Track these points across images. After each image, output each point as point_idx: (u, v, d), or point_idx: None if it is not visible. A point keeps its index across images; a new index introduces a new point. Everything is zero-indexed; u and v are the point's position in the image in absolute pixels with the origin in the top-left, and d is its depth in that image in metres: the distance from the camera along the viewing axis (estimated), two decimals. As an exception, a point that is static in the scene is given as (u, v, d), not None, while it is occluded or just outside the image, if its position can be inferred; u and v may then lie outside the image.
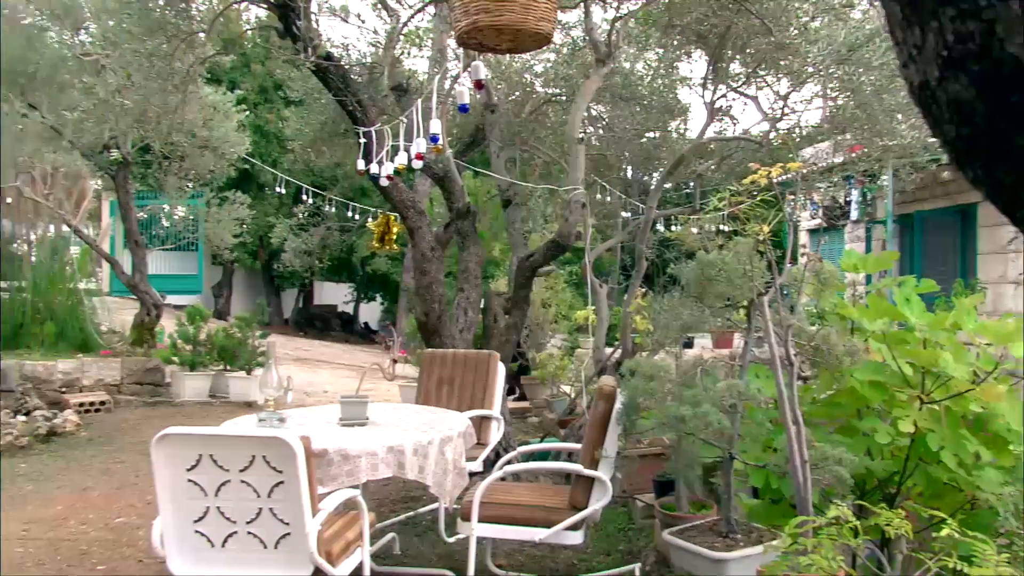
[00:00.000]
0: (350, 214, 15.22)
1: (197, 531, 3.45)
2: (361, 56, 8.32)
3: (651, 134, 9.05)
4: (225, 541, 3.44)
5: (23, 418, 9.46)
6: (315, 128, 8.68)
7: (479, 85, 4.30)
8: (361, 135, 6.12)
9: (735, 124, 9.48)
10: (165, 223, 20.07)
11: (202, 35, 7.42)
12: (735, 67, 8.17)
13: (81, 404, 10.70)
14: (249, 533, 3.42)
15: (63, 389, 11.21)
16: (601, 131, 9.50)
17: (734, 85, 8.19)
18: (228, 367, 12.26)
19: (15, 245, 15.32)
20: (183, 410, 10.98)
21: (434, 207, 15.19)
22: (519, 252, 7.61)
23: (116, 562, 5.13)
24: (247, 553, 3.45)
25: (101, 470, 7.74)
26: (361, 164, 5.87)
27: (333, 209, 15.04)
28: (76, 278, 13.92)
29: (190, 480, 3.40)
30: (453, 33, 3.77)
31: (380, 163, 5.57)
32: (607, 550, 5.30)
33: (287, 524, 3.40)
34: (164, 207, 19.19)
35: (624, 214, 9.94)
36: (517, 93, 9.02)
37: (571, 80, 8.38)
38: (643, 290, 8.21)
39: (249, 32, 16.57)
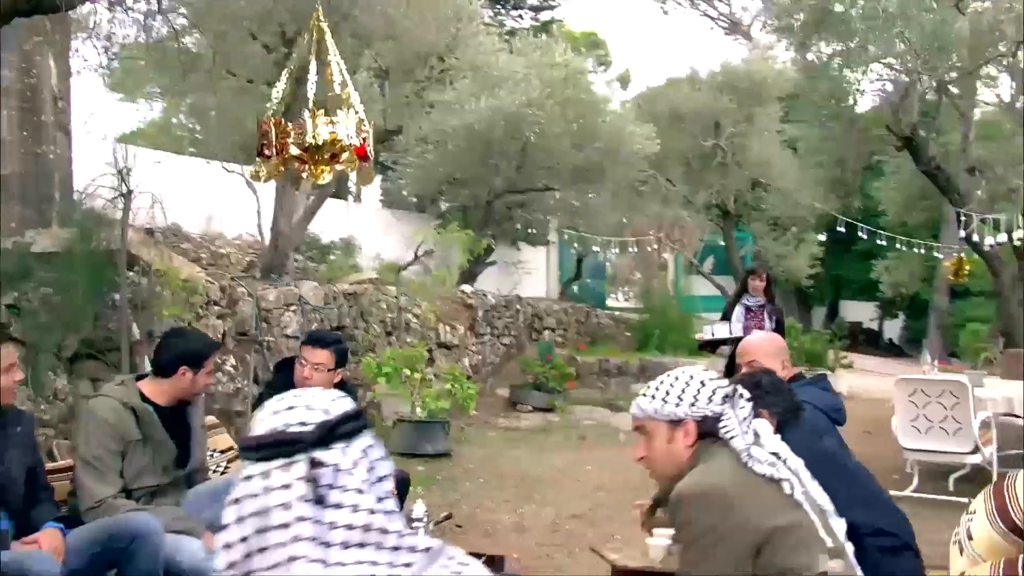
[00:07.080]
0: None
1: (912, 425, 7.19)
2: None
3: None
4: (927, 431, 7.12)
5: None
6: (904, 194, 12.18)
7: None
8: (953, 211, 9.54)
9: None
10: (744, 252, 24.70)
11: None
12: None
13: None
14: (941, 428, 7.06)
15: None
16: None
17: None
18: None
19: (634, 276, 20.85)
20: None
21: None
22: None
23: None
24: (943, 437, 7.03)
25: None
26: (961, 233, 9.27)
27: (883, 243, 18.27)
28: (680, 297, 18.97)
29: (910, 400, 7.15)
30: None
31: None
32: None
33: (959, 423, 6.98)
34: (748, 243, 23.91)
35: None
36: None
37: None
38: None
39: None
